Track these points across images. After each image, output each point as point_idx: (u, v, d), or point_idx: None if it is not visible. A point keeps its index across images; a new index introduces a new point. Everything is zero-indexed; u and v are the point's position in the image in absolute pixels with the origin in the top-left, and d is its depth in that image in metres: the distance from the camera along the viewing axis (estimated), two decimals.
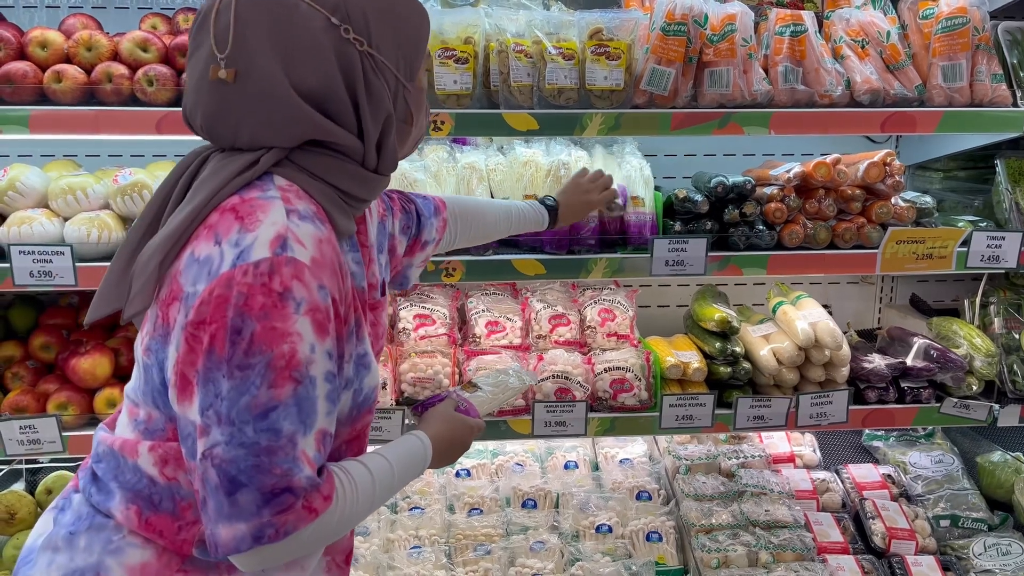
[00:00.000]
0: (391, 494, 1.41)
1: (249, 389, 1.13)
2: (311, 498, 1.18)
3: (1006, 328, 2.65)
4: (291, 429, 1.15)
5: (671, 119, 2.22)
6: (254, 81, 1.21)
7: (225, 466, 1.14)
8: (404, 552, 2.48)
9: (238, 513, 1.14)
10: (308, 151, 1.28)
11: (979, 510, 2.80)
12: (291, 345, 1.15)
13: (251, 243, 1.16)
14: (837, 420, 2.45)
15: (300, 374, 1.16)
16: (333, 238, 1.25)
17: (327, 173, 1.28)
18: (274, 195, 1.23)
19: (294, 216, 1.21)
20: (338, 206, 1.30)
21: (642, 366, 2.41)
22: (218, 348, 1.14)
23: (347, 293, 1.28)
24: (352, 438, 1.40)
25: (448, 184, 2.40)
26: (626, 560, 2.45)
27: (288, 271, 1.15)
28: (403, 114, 1.35)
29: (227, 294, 1.14)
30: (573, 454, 2.99)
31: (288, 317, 1.14)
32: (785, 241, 2.40)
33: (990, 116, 2.35)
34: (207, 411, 1.15)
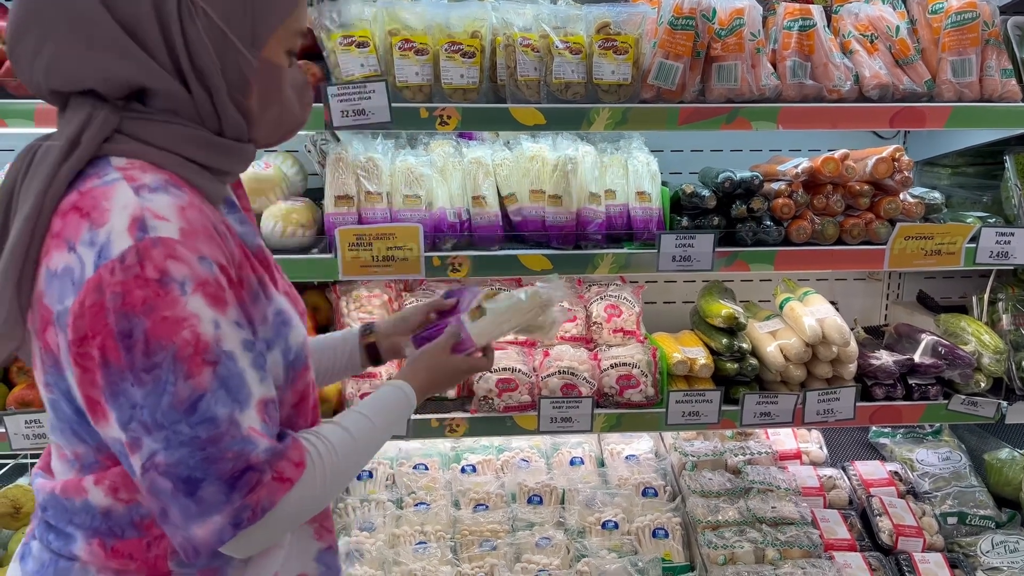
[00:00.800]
0: (377, 448, 1.40)
1: (166, 388, 1.06)
2: (280, 468, 1.14)
3: (1014, 325, 2.64)
4: (226, 411, 1.09)
5: (679, 114, 2.21)
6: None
7: (174, 470, 1.07)
8: (409, 547, 2.48)
9: (208, 508, 1.09)
10: (140, 119, 1.15)
11: (987, 507, 2.79)
12: (191, 329, 1.06)
13: (107, 237, 1.05)
14: (844, 417, 2.44)
15: (213, 355, 1.08)
16: (198, 201, 1.14)
17: (170, 141, 1.16)
18: (115, 177, 1.10)
19: (144, 191, 1.09)
20: (196, 172, 1.18)
21: (648, 362, 2.40)
22: (113, 359, 1.05)
23: (235, 254, 1.18)
24: (298, 401, 1.33)
25: (454, 179, 2.39)
26: (632, 556, 2.44)
27: (158, 253, 1.05)
28: (238, 85, 1.19)
29: (100, 300, 1.04)
30: (579, 450, 2.98)
31: (176, 302, 1.05)
32: (792, 237, 2.39)
33: (1000, 111, 2.33)
34: (129, 425, 1.07)
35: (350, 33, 2.13)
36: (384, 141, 2.44)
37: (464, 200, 2.38)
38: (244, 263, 1.21)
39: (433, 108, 2.15)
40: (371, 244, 2.20)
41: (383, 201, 2.30)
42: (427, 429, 2.35)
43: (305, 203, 2.37)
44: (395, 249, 2.21)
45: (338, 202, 2.26)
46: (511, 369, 2.36)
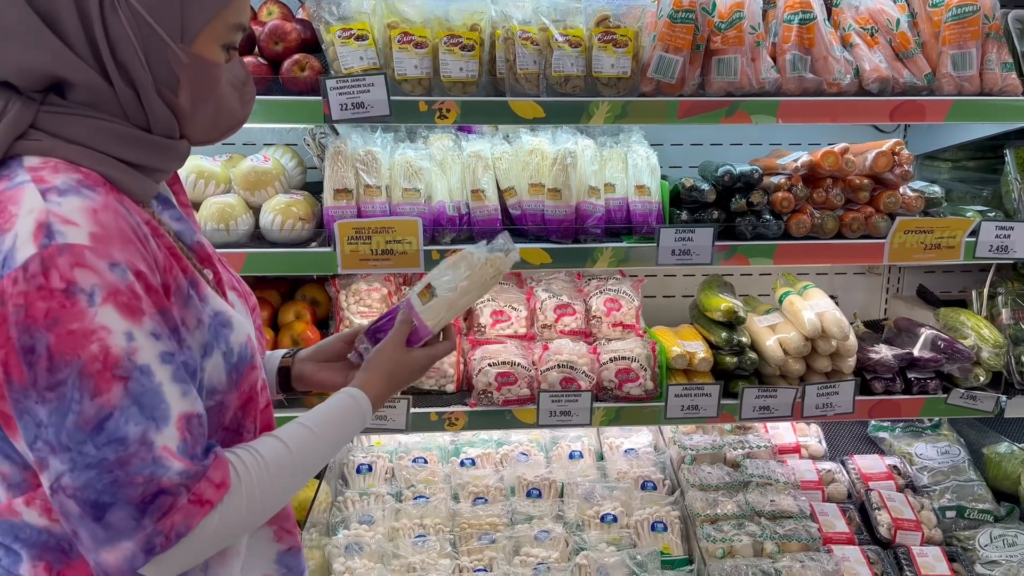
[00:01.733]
0: (324, 460, 1.31)
1: (71, 407, 0.99)
2: (198, 490, 1.07)
3: (1014, 319, 2.64)
4: (138, 431, 1.02)
5: (678, 107, 2.21)
6: None
7: (80, 493, 1.01)
8: (409, 541, 2.48)
9: (116, 533, 1.03)
10: (57, 113, 1.08)
11: (985, 501, 2.80)
12: (100, 343, 1.00)
13: (12, 244, 0.99)
14: (843, 411, 2.44)
15: (124, 370, 1.01)
16: (114, 202, 1.07)
17: (90, 137, 1.09)
18: (23, 179, 1.04)
19: (52, 195, 1.02)
20: (120, 170, 1.11)
21: (648, 356, 2.40)
22: (16, 376, 1.00)
23: (158, 257, 1.11)
24: (244, 402, 1.27)
25: (453, 173, 2.39)
26: (631, 550, 2.45)
27: (64, 261, 0.98)
28: (165, 79, 1.12)
29: (3, 312, 0.98)
30: (578, 444, 2.98)
31: (83, 314, 0.99)
32: (792, 231, 2.38)
33: (1000, 105, 2.33)
34: (35, 444, 1.02)
35: (349, 26, 2.13)
36: (383, 134, 2.44)
37: (463, 194, 2.37)
38: (172, 265, 1.14)
39: (432, 101, 2.14)
40: (370, 238, 2.20)
41: (382, 195, 2.29)
42: (426, 423, 2.35)
43: (304, 196, 2.37)
44: (394, 243, 2.21)
45: (337, 195, 2.26)
46: (510, 363, 2.36)
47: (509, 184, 2.41)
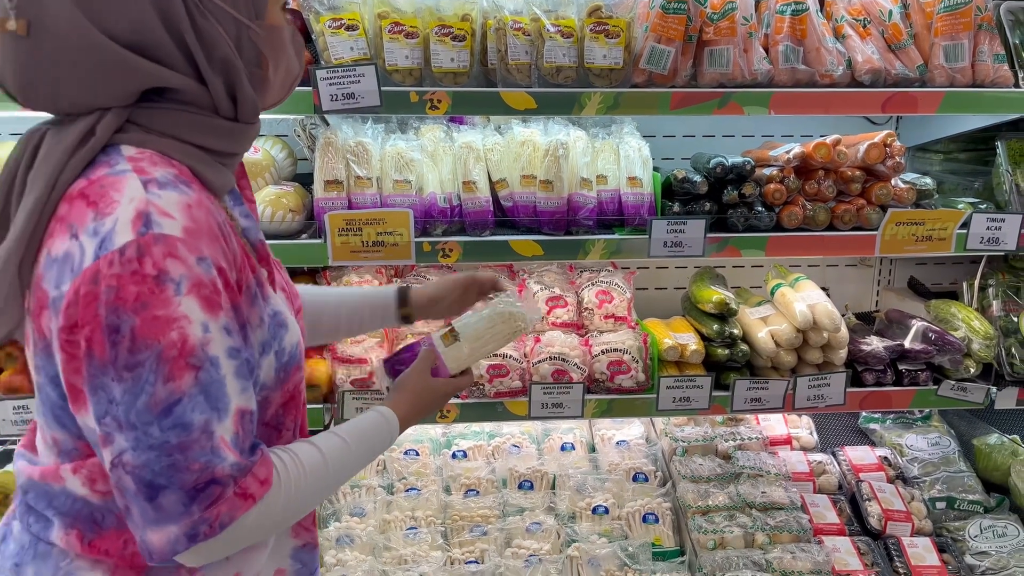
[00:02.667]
0: (352, 472, 1.36)
1: (144, 388, 1.04)
2: (244, 484, 1.12)
3: (1004, 311, 2.65)
4: (202, 419, 1.07)
5: (670, 98, 2.20)
6: (53, 31, 1.05)
7: (138, 471, 1.06)
8: (400, 533, 2.48)
9: (165, 516, 1.07)
10: (151, 108, 1.14)
11: (975, 492, 2.81)
12: (180, 331, 1.05)
13: (111, 228, 1.04)
14: (834, 402, 2.44)
15: (197, 359, 1.06)
16: (205, 199, 1.13)
17: (180, 130, 1.15)
18: (124, 168, 1.09)
19: (152, 186, 1.07)
20: (205, 163, 1.17)
21: (639, 348, 2.40)
22: (98, 352, 1.04)
23: (236, 255, 1.16)
24: (286, 400, 1.32)
25: (445, 164, 2.38)
26: (622, 541, 2.45)
27: (159, 250, 1.04)
28: (253, 58, 1.20)
29: (95, 290, 1.03)
30: (570, 436, 2.99)
31: (169, 301, 1.04)
32: (784, 222, 2.38)
33: (992, 97, 2.32)
34: (104, 419, 1.06)
35: (339, 16, 2.11)
36: (374, 125, 2.42)
37: (455, 185, 2.36)
38: (244, 264, 1.19)
39: (423, 92, 2.13)
40: (361, 229, 2.18)
41: (373, 186, 2.28)
42: None
43: (294, 188, 2.35)
44: (385, 234, 2.20)
45: (327, 187, 2.25)
46: (501, 355, 2.35)
47: (501, 176, 2.40)
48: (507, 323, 1.65)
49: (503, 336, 1.64)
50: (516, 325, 1.65)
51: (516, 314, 1.65)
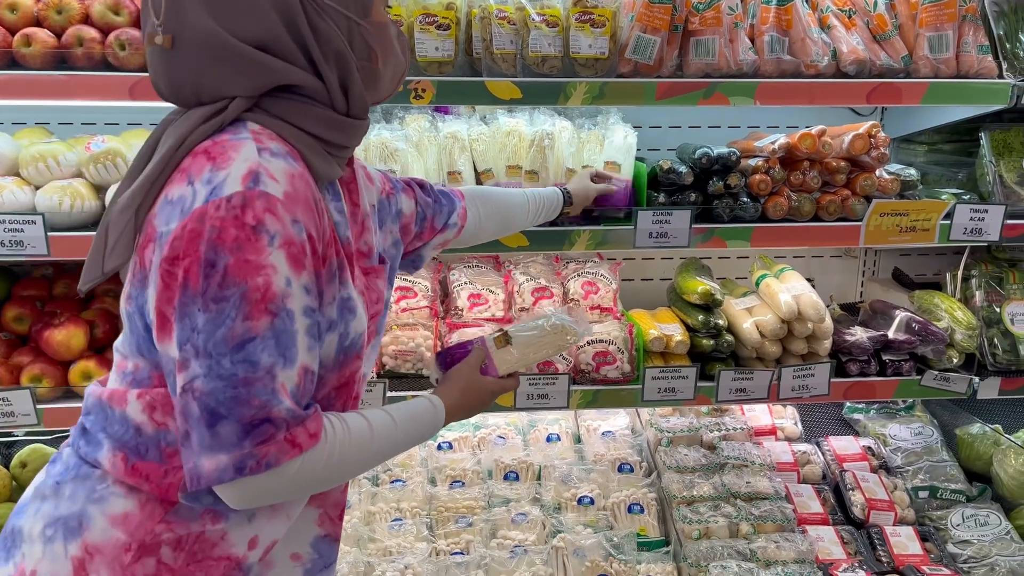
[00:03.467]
0: (395, 451, 1.41)
1: (224, 321, 1.14)
2: (294, 432, 1.19)
3: (987, 301, 2.66)
4: (269, 361, 1.16)
5: (656, 88, 2.19)
6: (193, 41, 1.22)
7: (205, 398, 1.15)
8: (385, 525, 2.47)
9: (219, 444, 1.16)
10: (276, 98, 1.28)
11: (957, 481, 2.83)
12: (265, 277, 1.16)
13: (223, 179, 1.17)
14: (819, 393, 2.45)
15: (276, 306, 1.17)
16: (308, 175, 1.26)
17: (297, 118, 1.29)
18: (246, 136, 1.23)
19: (266, 153, 1.21)
20: (314, 150, 1.30)
21: (625, 339, 2.40)
22: (192, 282, 1.15)
23: (325, 232, 1.28)
24: (340, 384, 1.39)
25: (430, 154, 2.36)
26: (607, 532, 2.46)
27: (260, 204, 1.16)
28: (363, 53, 1.33)
29: (200, 228, 1.15)
30: (555, 427, 2.99)
31: (262, 250, 1.15)
32: (769, 213, 2.38)
33: (976, 88, 2.33)
34: (185, 345, 1.16)
35: None
36: None
37: (440, 175, 2.35)
38: (332, 243, 1.30)
39: (408, 81, 2.11)
40: None
41: None
42: None
43: None
44: None
45: None
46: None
47: (486, 166, 2.38)
48: (558, 335, 1.73)
49: (552, 347, 1.73)
50: (566, 339, 1.74)
51: (568, 328, 1.74)
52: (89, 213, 2.19)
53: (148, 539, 1.27)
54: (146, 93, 2.07)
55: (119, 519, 1.28)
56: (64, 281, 2.49)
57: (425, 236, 1.80)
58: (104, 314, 2.39)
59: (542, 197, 2.10)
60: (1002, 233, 2.41)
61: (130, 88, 2.06)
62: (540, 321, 1.75)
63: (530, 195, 2.07)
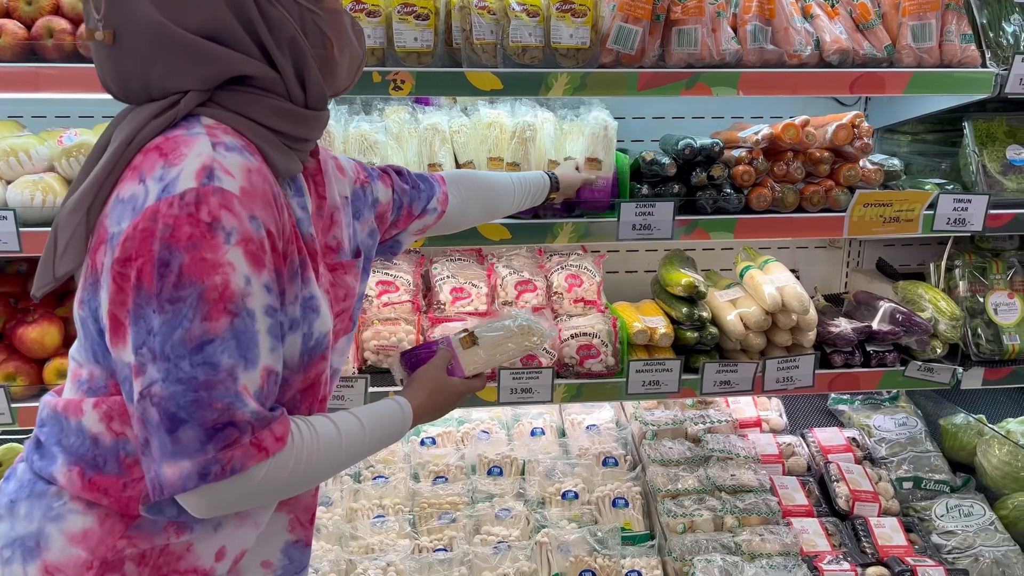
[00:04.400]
0: (362, 455, 1.38)
1: (182, 323, 1.11)
2: (260, 436, 1.16)
3: (971, 291, 2.66)
4: (230, 363, 1.13)
5: (638, 79, 2.17)
6: (136, 34, 1.18)
7: (164, 403, 1.11)
8: (367, 522, 2.45)
9: (181, 450, 1.12)
10: (230, 91, 1.24)
11: (941, 472, 2.83)
12: (223, 276, 1.12)
13: (176, 176, 1.13)
14: (803, 384, 2.44)
15: (235, 306, 1.13)
16: (266, 170, 1.22)
17: (253, 111, 1.25)
18: (199, 131, 1.19)
19: (220, 148, 1.18)
20: (273, 144, 1.26)
21: (609, 332, 2.38)
22: (146, 283, 1.11)
23: (286, 228, 1.24)
24: (306, 387, 1.36)
25: (410, 146, 2.33)
26: (592, 526, 2.44)
27: (215, 200, 1.12)
28: (318, 40, 1.29)
29: (152, 227, 1.11)
30: (540, 421, 2.97)
31: (218, 247, 1.11)
32: (753, 204, 2.37)
33: (959, 77, 2.32)
34: (140, 349, 1.12)
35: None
36: (337, 107, 2.37)
37: (420, 168, 2.32)
38: (292, 240, 1.26)
39: (386, 72, 2.08)
40: None
41: None
42: None
43: None
44: None
45: None
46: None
47: (467, 158, 2.36)
48: (524, 336, 1.73)
49: (519, 348, 1.72)
50: (532, 339, 1.73)
51: (534, 329, 1.73)
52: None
53: (110, 556, 1.24)
54: None
55: (78, 537, 1.24)
56: None
57: (402, 223, 1.77)
58: None
59: (528, 181, 2.07)
60: (985, 223, 2.41)
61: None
62: (507, 321, 1.74)
63: (515, 178, 2.06)
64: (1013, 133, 2.65)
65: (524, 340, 1.72)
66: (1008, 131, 2.65)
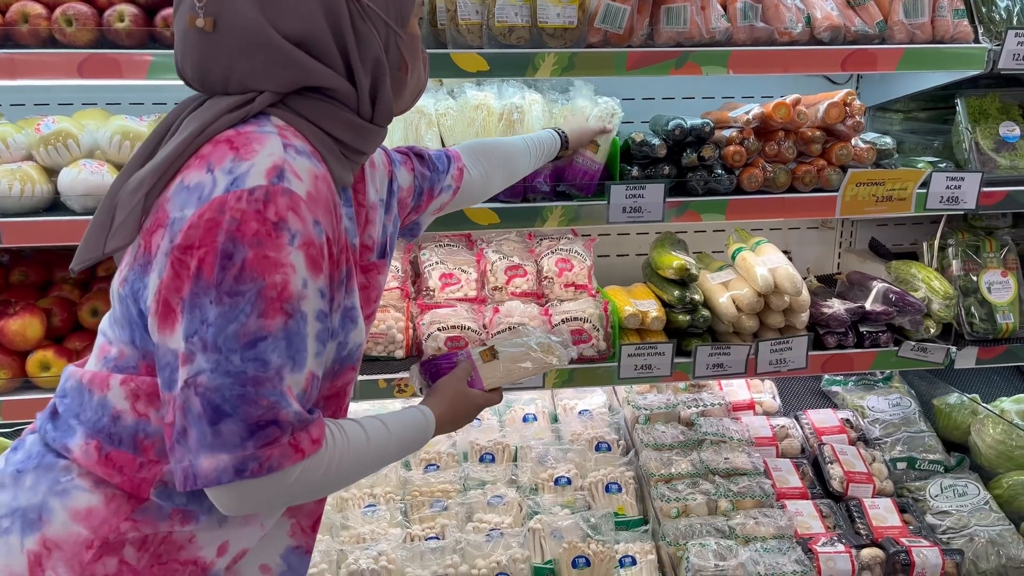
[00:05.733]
0: (387, 461, 1.39)
1: (238, 316, 1.11)
2: (298, 437, 1.16)
3: (964, 270, 2.64)
4: (279, 362, 1.13)
5: (626, 59, 2.13)
6: (234, 27, 1.19)
7: (209, 394, 1.11)
8: (358, 511, 2.43)
9: (221, 444, 1.12)
10: (303, 96, 1.26)
11: (935, 452, 2.82)
12: (284, 276, 1.13)
13: (246, 170, 1.14)
14: (796, 366, 2.42)
15: (291, 307, 1.14)
16: (329, 178, 1.24)
17: (322, 119, 1.26)
18: (271, 130, 1.21)
19: (291, 150, 1.19)
20: (334, 154, 1.28)
21: (600, 316, 2.35)
22: (207, 273, 1.11)
23: (341, 236, 1.26)
24: (332, 394, 1.37)
25: (396, 130, 2.29)
26: (585, 512, 2.42)
27: (284, 201, 1.13)
28: (396, 62, 1.33)
29: (219, 218, 1.11)
30: (532, 407, 2.94)
31: (282, 247, 1.12)
32: (744, 185, 2.34)
33: (952, 53, 2.29)
34: (192, 338, 1.12)
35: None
36: None
37: None
38: (344, 249, 1.28)
39: None
40: None
41: None
42: (375, 390, 2.28)
43: None
44: None
45: None
46: (460, 327, 2.29)
47: (454, 141, 2.32)
48: (544, 354, 1.74)
49: (537, 366, 1.73)
50: (550, 359, 1.75)
51: (553, 347, 1.75)
52: (41, 198, 2.10)
53: (112, 537, 1.22)
54: (95, 71, 1.98)
55: (82, 514, 1.22)
56: (20, 269, 2.41)
57: (423, 207, 1.78)
58: (61, 302, 2.31)
59: (540, 140, 2.08)
60: (978, 201, 2.39)
61: (78, 66, 1.97)
62: (527, 339, 1.76)
63: (529, 140, 2.06)
64: (1006, 109, 2.63)
65: (543, 358, 1.74)
66: (1001, 107, 2.62)
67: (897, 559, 2.35)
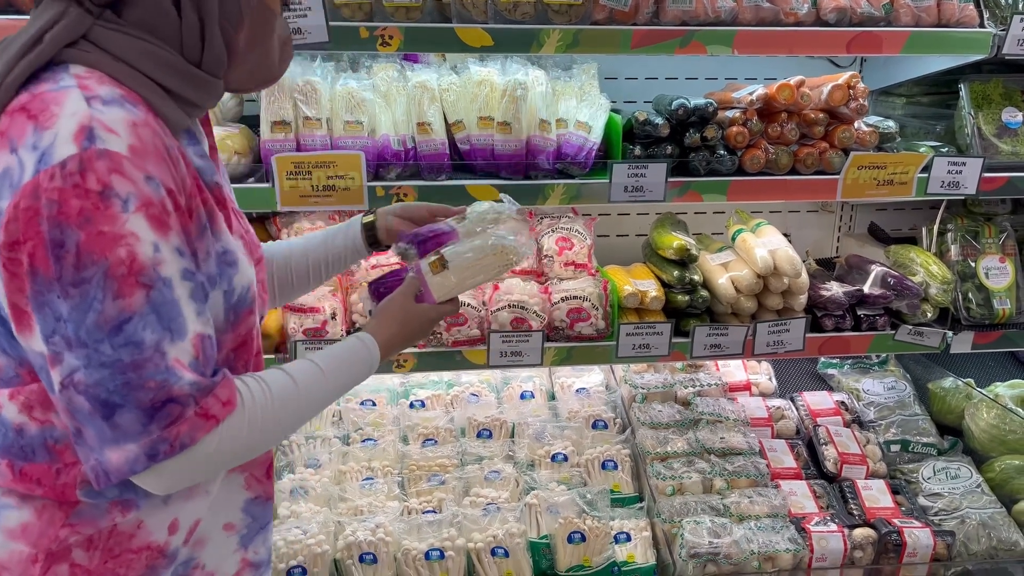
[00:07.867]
0: (328, 401, 1.34)
1: (92, 305, 1.02)
2: (206, 404, 1.10)
3: (962, 255, 2.65)
4: (154, 338, 1.05)
5: (632, 36, 2.13)
6: None
7: (92, 391, 1.04)
8: (356, 484, 2.44)
9: (123, 435, 1.06)
10: (112, 30, 1.10)
11: (929, 435, 2.85)
12: (128, 248, 1.02)
13: (51, 141, 1.01)
14: (794, 348, 2.44)
15: (148, 278, 1.04)
16: (153, 121, 1.09)
17: (140, 61, 1.10)
18: (69, 84, 1.06)
19: (96, 102, 1.04)
20: (159, 96, 1.12)
21: (599, 295, 2.36)
22: (42, 268, 1.01)
23: (186, 181, 1.13)
24: (238, 345, 1.29)
25: (399, 105, 2.28)
26: (581, 488, 2.44)
27: (103, 165, 1.01)
28: (232, 15, 1.17)
29: (36, 205, 1.00)
30: (529, 384, 2.96)
31: (116, 218, 1.01)
32: (746, 166, 2.34)
33: (957, 37, 2.29)
34: (52, 338, 1.04)
35: None
36: (323, 64, 2.32)
37: (409, 127, 2.28)
38: (195, 193, 1.16)
39: (374, 27, 2.03)
40: (310, 173, 2.09)
41: (323, 127, 2.19)
42: None
43: (241, 130, 2.25)
44: (336, 178, 2.11)
45: (275, 128, 2.15)
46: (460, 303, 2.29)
47: (457, 117, 2.31)
48: (498, 256, 1.57)
49: (493, 269, 1.58)
50: (507, 259, 1.58)
51: (508, 248, 1.57)
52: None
53: (55, 546, 1.18)
54: None
55: (17, 532, 1.18)
56: None
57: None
58: None
59: (329, 231, 1.74)
60: (979, 186, 2.39)
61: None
62: (478, 241, 1.57)
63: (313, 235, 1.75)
64: (1009, 95, 2.62)
65: (499, 260, 1.57)
66: (1004, 93, 2.62)
67: (889, 539, 2.38)
